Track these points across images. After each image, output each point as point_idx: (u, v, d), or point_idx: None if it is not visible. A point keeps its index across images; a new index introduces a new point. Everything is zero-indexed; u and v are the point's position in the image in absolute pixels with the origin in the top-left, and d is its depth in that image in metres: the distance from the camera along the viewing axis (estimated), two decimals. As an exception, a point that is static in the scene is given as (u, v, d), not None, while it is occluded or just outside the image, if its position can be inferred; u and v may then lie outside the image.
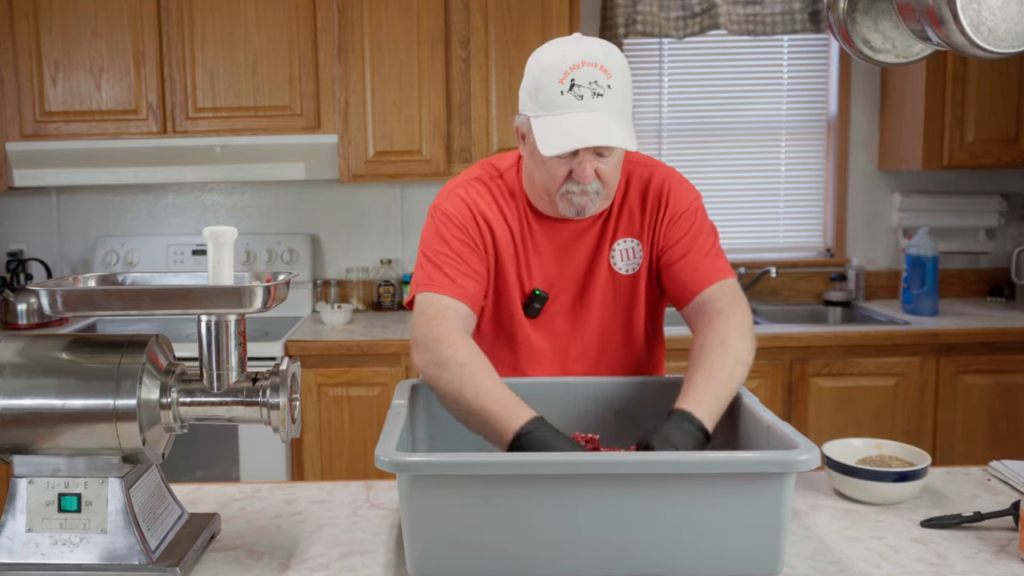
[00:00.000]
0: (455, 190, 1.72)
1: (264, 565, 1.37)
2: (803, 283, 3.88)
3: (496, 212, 1.70)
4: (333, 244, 3.83)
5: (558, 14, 3.32)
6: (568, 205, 1.62)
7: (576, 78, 1.51)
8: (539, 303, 1.72)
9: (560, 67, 1.52)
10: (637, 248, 1.73)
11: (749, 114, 3.87)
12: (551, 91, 1.52)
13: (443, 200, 1.72)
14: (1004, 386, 3.24)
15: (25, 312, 3.39)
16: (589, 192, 1.60)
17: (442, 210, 1.70)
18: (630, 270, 1.73)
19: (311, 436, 3.18)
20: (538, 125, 1.55)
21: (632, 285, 1.74)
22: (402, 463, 1.22)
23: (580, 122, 1.51)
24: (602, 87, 1.51)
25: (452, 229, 1.67)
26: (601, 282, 1.73)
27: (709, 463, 1.24)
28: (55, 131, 3.37)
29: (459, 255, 1.65)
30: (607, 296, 1.74)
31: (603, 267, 1.72)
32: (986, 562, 1.35)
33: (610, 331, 1.77)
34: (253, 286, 1.27)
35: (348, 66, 3.33)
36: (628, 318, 1.76)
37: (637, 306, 1.75)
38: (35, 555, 1.31)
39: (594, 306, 1.74)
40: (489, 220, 1.69)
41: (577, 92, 1.51)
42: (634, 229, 1.73)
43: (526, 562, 1.26)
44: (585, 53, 1.52)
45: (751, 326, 1.64)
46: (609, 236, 1.72)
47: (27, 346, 1.35)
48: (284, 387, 1.32)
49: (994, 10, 1.39)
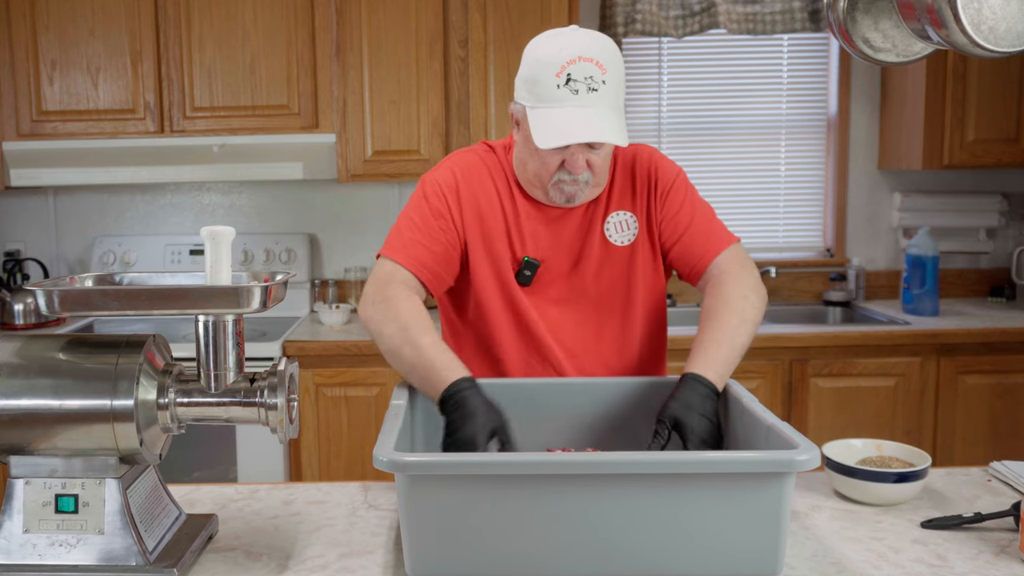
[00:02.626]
0: (446, 161, 1.80)
1: (262, 566, 1.36)
2: (803, 283, 3.88)
3: (487, 182, 1.75)
4: (331, 244, 3.83)
5: (557, 13, 3.31)
6: (559, 194, 1.68)
7: (572, 73, 1.55)
8: (530, 270, 1.74)
9: (557, 61, 1.56)
10: (631, 220, 1.76)
11: (749, 113, 3.86)
12: (547, 84, 1.57)
13: (435, 170, 1.79)
14: (1005, 386, 3.23)
15: (22, 312, 3.38)
16: (580, 182, 1.66)
17: (431, 178, 1.77)
18: (625, 241, 1.76)
19: (309, 437, 3.18)
20: (534, 117, 1.59)
21: (629, 257, 1.76)
22: (400, 463, 1.22)
23: (575, 116, 1.56)
24: (597, 82, 1.56)
25: (431, 199, 1.73)
26: (595, 254, 1.75)
27: (709, 463, 1.23)
28: (52, 130, 3.36)
29: (427, 227, 1.71)
30: (602, 268, 1.76)
31: (596, 239, 1.75)
32: (987, 563, 1.34)
33: (608, 303, 1.77)
34: (251, 286, 1.27)
35: (346, 65, 3.33)
36: (626, 291, 1.77)
37: (635, 278, 1.77)
38: (32, 556, 1.30)
39: (588, 277, 1.76)
40: (476, 191, 1.74)
41: (573, 87, 1.55)
42: (626, 202, 1.76)
43: (525, 562, 1.26)
44: (582, 48, 1.56)
45: (757, 284, 1.70)
46: (601, 211, 1.76)
47: (24, 346, 1.34)
48: (282, 387, 1.32)
49: (995, 9, 1.39)
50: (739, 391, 1.58)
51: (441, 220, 1.72)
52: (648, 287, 1.79)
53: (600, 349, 1.78)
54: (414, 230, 1.71)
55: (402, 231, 1.72)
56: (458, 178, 1.75)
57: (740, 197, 3.90)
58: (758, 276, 1.73)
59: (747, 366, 1.98)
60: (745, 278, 1.69)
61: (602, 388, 1.68)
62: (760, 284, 1.71)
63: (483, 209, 1.74)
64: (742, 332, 1.62)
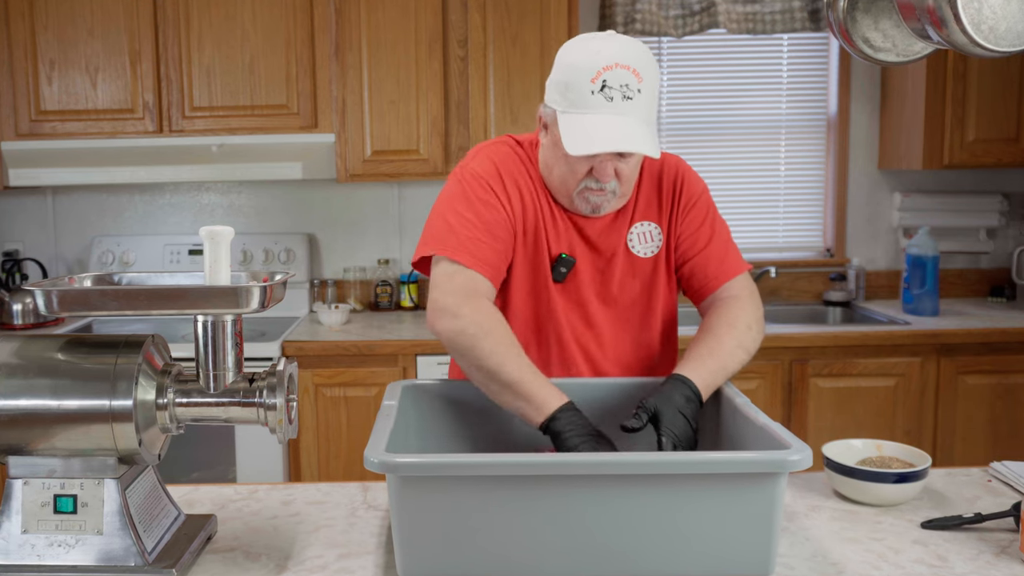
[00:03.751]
0: (481, 151, 1.73)
1: (261, 567, 1.36)
2: (803, 283, 3.88)
3: (524, 174, 1.70)
4: (330, 244, 3.82)
5: (556, 13, 3.31)
6: (584, 203, 1.64)
7: (608, 79, 1.51)
8: (566, 267, 1.70)
9: (593, 66, 1.52)
10: (655, 231, 1.73)
11: (748, 113, 3.86)
12: (582, 89, 1.52)
13: (470, 160, 1.72)
14: (1005, 387, 3.23)
15: (21, 312, 3.38)
16: (607, 191, 1.62)
17: (470, 170, 1.69)
18: (648, 253, 1.73)
19: (308, 437, 3.17)
20: (564, 121, 1.55)
21: (652, 268, 1.74)
22: (391, 464, 1.22)
23: (607, 124, 1.51)
24: (632, 91, 1.51)
25: (478, 190, 1.65)
26: (620, 264, 1.73)
27: (701, 463, 1.23)
28: (51, 130, 3.35)
29: (483, 223, 1.62)
30: (625, 277, 1.73)
31: (621, 249, 1.72)
32: (987, 564, 1.34)
33: (630, 313, 1.76)
34: (250, 286, 1.26)
35: (345, 65, 3.32)
36: (648, 302, 1.76)
37: (657, 290, 1.75)
38: (31, 556, 1.30)
39: (613, 284, 1.73)
40: (517, 180, 1.69)
41: (608, 94, 1.51)
42: (652, 213, 1.73)
43: (516, 563, 1.26)
44: (619, 54, 1.52)
45: (761, 319, 1.69)
46: (627, 221, 1.73)
47: (23, 346, 1.34)
48: (281, 388, 1.31)
49: (995, 9, 1.38)
50: (731, 392, 1.58)
51: (495, 212, 1.64)
52: (666, 299, 1.78)
53: (619, 355, 1.76)
54: (470, 227, 1.62)
55: (455, 228, 1.62)
56: (499, 167, 1.68)
57: (740, 197, 3.89)
58: (762, 311, 1.72)
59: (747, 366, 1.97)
60: (752, 310, 1.68)
61: (601, 388, 1.67)
62: (761, 320, 1.70)
63: (525, 199, 1.69)
64: (736, 358, 1.61)
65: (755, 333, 1.66)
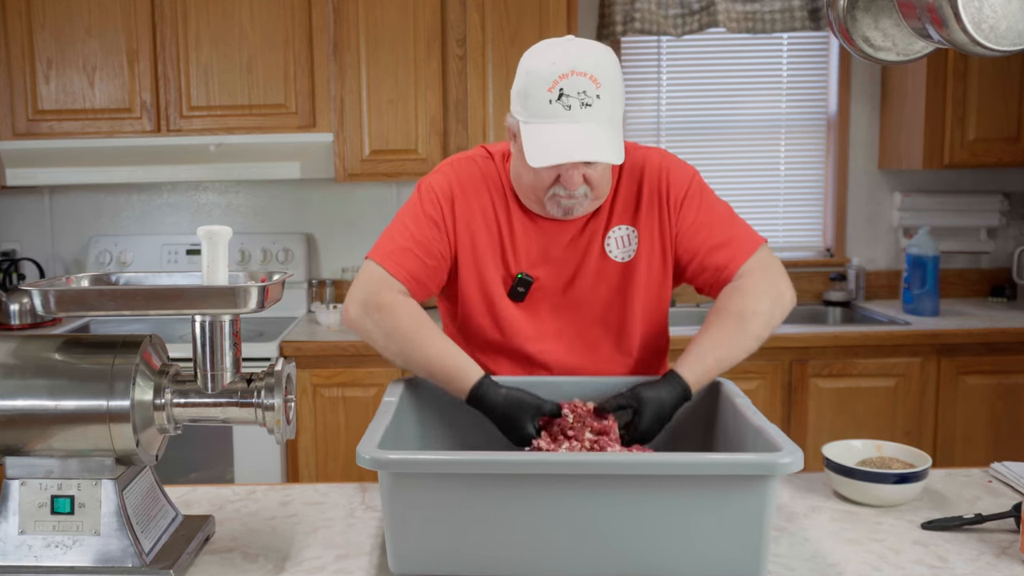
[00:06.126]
0: (443, 166, 1.77)
1: (259, 567, 1.36)
2: (803, 283, 3.87)
3: (484, 194, 1.71)
4: (328, 244, 3.82)
5: (555, 12, 3.30)
6: (556, 207, 1.64)
7: (565, 87, 1.50)
8: (523, 287, 1.70)
9: (549, 75, 1.51)
10: (633, 235, 1.71)
11: (748, 113, 3.86)
12: (539, 99, 1.52)
13: (433, 173, 1.76)
14: (1005, 387, 3.23)
15: (18, 312, 3.37)
16: (577, 196, 1.60)
17: (428, 183, 1.74)
18: (625, 257, 1.71)
19: (306, 437, 3.17)
20: (526, 132, 1.55)
21: (627, 273, 1.71)
22: (383, 461, 1.22)
23: (566, 134, 1.51)
24: (591, 97, 1.50)
25: (427, 205, 1.71)
26: (592, 270, 1.71)
27: (692, 465, 1.23)
28: (48, 130, 3.35)
29: (421, 235, 1.68)
30: (599, 284, 1.72)
31: (595, 254, 1.70)
32: (987, 564, 1.33)
33: (604, 320, 1.73)
34: (248, 286, 1.26)
35: (344, 64, 3.32)
36: (623, 308, 1.73)
37: (633, 295, 1.72)
38: (28, 557, 1.30)
39: (584, 293, 1.72)
40: (471, 202, 1.70)
41: (565, 102, 1.50)
42: (628, 216, 1.71)
43: (507, 561, 1.26)
44: (575, 61, 1.51)
45: (777, 293, 1.65)
46: (603, 224, 1.71)
47: (20, 347, 1.34)
48: (279, 388, 1.31)
49: (995, 8, 1.38)
50: (732, 390, 1.57)
51: (435, 229, 1.69)
52: (650, 304, 1.74)
53: (596, 368, 1.74)
54: (407, 236, 1.68)
55: (395, 236, 1.70)
56: (454, 187, 1.71)
57: (740, 197, 3.88)
58: (781, 281, 1.67)
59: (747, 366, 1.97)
60: (765, 287, 1.64)
61: (595, 386, 1.66)
62: (782, 290, 1.65)
63: (477, 222, 1.70)
64: (746, 346, 1.60)
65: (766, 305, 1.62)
